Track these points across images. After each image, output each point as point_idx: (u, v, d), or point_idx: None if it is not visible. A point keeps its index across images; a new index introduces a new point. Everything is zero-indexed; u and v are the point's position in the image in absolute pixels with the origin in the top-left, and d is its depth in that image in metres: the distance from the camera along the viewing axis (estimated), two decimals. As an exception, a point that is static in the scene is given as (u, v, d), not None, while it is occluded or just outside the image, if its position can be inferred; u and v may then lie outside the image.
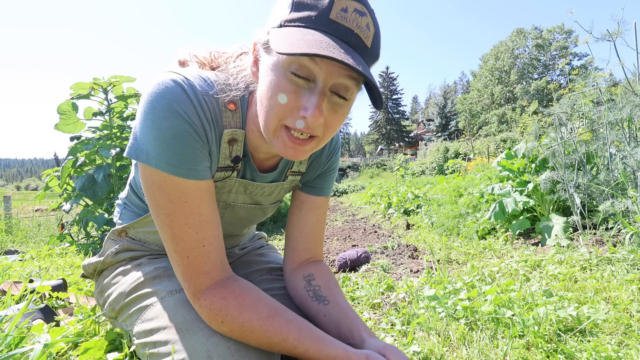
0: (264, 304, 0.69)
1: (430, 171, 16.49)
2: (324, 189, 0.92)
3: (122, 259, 0.91)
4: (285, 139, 0.63)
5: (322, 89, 0.59)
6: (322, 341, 0.66)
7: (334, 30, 0.57)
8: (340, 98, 0.61)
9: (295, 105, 0.59)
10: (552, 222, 2.52)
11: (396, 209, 5.38)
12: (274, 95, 0.59)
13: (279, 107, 0.60)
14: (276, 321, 0.66)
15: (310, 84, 0.59)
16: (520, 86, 33.90)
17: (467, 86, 52.80)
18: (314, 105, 0.58)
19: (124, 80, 2.99)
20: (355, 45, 0.58)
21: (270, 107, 0.61)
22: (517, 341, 1.07)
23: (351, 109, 0.66)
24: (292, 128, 0.61)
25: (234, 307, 0.66)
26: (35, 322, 1.06)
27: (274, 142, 0.64)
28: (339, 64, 0.57)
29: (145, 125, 0.63)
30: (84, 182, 2.74)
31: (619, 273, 1.59)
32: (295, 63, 0.57)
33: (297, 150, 0.63)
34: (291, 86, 0.59)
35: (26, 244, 4.05)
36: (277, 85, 0.59)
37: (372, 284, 1.75)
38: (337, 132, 0.93)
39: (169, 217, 0.67)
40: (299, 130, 0.61)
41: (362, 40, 0.58)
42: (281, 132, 0.63)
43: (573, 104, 2.62)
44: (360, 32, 0.58)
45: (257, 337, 0.65)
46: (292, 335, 0.65)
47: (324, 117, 0.60)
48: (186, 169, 0.65)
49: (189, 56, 0.80)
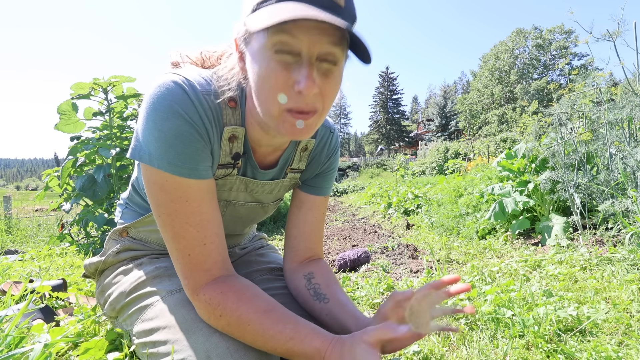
0: (262, 299, 0.69)
1: (430, 171, 16.49)
2: (323, 188, 0.93)
3: (123, 259, 0.91)
4: (290, 120, 0.63)
5: (309, 59, 0.59)
6: (319, 330, 0.66)
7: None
8: (329, 63, 0.61)
9: (287, 82, 0.59)
10: (552, 222, 2.52)
11: (396, 209, 5.39)
12: (266, 80, 0.60)
13: (274, 89, 0.60)
14: (273, 315, 0.66)
15: (296, 58, 0.59)
16: (520, 86, 33.92)
17: (467, 86, 52.83)
18: (305, 76, 0.58)
19: (124, 80, 2.99)
20: (328, 7, 0.58)
21: (266, 93, 0.61)
22: (517, 341, 1.07)
23: (342, 75, 0.66)
24: (292, 109, 0.61)
25: (232, 301, 0.67)
26: (35, 322, 1.06)
27: (281, 128, 0.64)
28: (319, 33, 0.57)
29: (147, 126, 0.64)
30: (84, 182, 2.74)
31: (619, 273, 1.60)
32: (277, 43, 0.57)
33: (303, 128, 0.64)
34: (278, 65, 0.59)
35: (26, 244, 4.05)
36: (265, 69, 0.59)
37: (372, 284, 1.75)
38: (337, 133, 0.94)
39: (170, 216, 0.67)
40: (298, 108, 0.61)
41: (334, 1, 0.58)
42: (285, 116, 0.63)
43: (573, 104, 2.62)
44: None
45: (253, 330, 0.65)
46: (288, 327, 0.65)
47: (317, 86, 0.60)
48: (188, 168, 0.65)
49: (180, 57, 0.81)
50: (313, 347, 0.64)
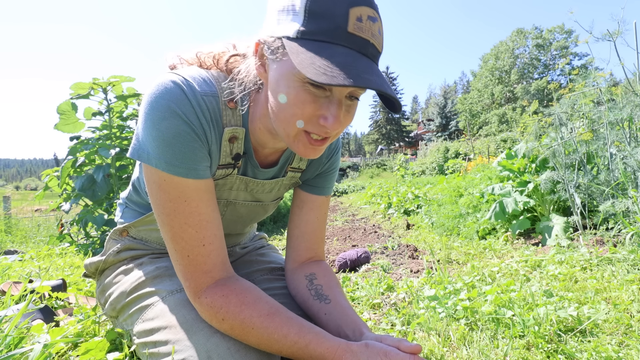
0: (265, 302, 0.69)
1: (430, 171, 16.47)
2: (324, 188, 0.93)
3: (123, 258, 0.91)
4: (305, 142, 0.66)
5: (340, 99, 0.62)
6: (323, 335, 0.66)
7: (352, 44, 0.57)
8: (352, 101, 0.65)
9: (315, 114, 0.62)
10: (552, 222, 2.52)
11: (396, 209, 5.38)
12: (293, 107, 0.61)
13: (299, 116, 0.62)
14: (277, 318, 0.66)
15: (326, 92, 0.61)
16: (520, 86, 33.92)
17: (467, 86, 52.78)
18: (334, 116, 0.61)
19: (124, 80, 2.99)
20: (372, 56, 0.60)
21: (289, 116, 0.63)
22: (518, 341, 1.07)
23: None
24: (312, 132, 0.64)
25: (235, 305, 0.66)
26: (34, 323, 1.06)
27: (294, 145, 0.67)
28: None
29: (145, 126, 0.64)
30: (84, 182, 2.74)
31: (619, 273, 1.59)
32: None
33: (316, 150, 0.67)
34: (309, 97, 0.60)
35: (26, 244, 4.05)
36: (295, 97, 0.60)
37: (372, 284, 1.75)
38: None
39: (169, 216, 0.67)
40: (319, 134, 0.65)
41: (377, 48, 0.60)
42: (301, 137, 0.66)
43: (573, 103, 2.62)
44: (375, 41, 0.59)
45: (258, 334, 0.65)
46: (292, 331, 0.65)
47: (341, 122, 0.64)
48: (185, 168, 0.65)
49: (177, 59, 0.81)
50: (318, 353, 0.64)
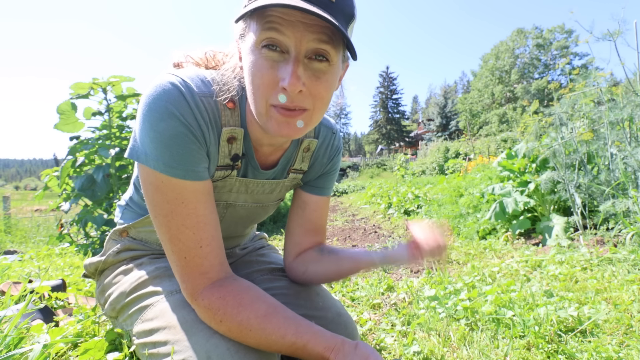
0: (262, 302, 0.68)
1: (430, 171, 16.45)
2: (325, 188, 0.93)
3: (123, 259, 0.91)
4: (277, 117, 0.62)
5: (296, 56, 0.58)
6: (322, 333, 0.66)
7: None
8: (320, 62, 0.60)
9: (274, 79, 0.59)
10: (552, 222, 2.52)
11: (396, 209, 5.38)
12: (254, 76, 0.60)
13: (261, 86, 0.60)
14: (274, 319, 0.66)
15: (284, 55, 0.59)
16: (520, 86, 33.90)
17: (468, 86, 52.76)
18: (289, 73, 0.58)
19: (123, 79, 2.99)
20: (317, 3, 0.56)
21: (254, 89, 0.62)
22: (518, 341, 1.07)
23: (339, 75, 0.65)
24: (277, 105, 0.61)
25: (232, 306, 0.66)
26: (34, 323, 1.06)
27: (268, 125, 0.64)
28: (304, 28, 0.57)
29: (143, 127, 0.64)
30: (83, 182, 2.74)
31: (619, 273, 1.59)
32: (264, 39, 0.58)
33: (289, 124, 0.63)
34: (266, 62, 0.59)
35: (25, 244, 4.05)
36: (254, 65, 0.60)
37: (372, 284, 1.75)
38: (339, 134, 0.93)
39: (166, 217, 0.67)
40: (283, 105, 0.61)
41: None
42: (272, 112, 0.62)
43: (574, 103, 2.61)
44: None
45: (255, 336, 0.65)
46: (290, 332, 0.65)
47: (306, 86, 0.60)
48: (183, 170, 0.65)
49: (184, 57, 0.80)
50: (316, 353, 0.64)
